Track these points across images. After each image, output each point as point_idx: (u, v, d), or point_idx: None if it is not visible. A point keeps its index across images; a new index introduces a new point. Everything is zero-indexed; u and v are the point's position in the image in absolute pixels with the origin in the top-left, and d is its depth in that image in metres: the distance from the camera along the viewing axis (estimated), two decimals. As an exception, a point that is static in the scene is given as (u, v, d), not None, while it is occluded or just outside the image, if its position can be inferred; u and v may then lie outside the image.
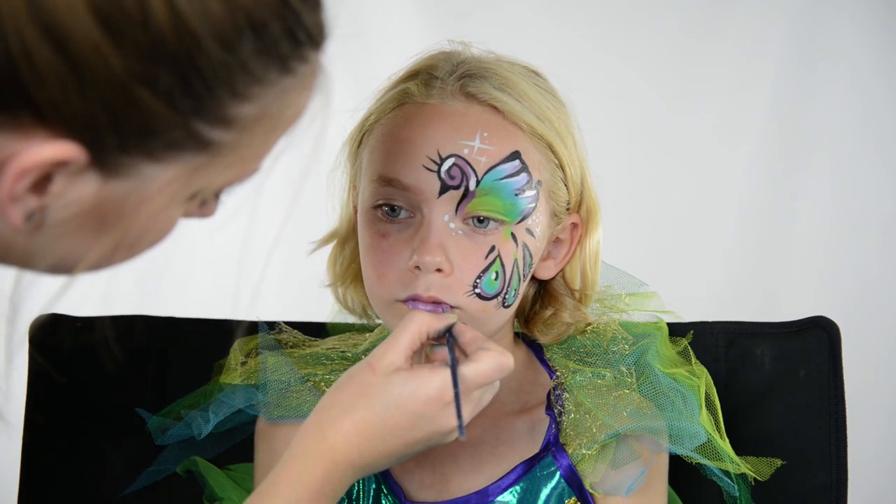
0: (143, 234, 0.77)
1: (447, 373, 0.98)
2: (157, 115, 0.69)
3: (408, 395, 0.97)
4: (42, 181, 0.70)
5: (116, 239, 0.75)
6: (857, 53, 2.17)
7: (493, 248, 1.08)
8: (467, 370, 0.98)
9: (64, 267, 0.76)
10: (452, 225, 1.07)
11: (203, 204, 0.81)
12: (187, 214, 0.81)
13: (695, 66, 2.22)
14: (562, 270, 1.19)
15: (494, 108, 1.09)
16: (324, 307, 1.31)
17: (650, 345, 1.20)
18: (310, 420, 0.99)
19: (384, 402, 0.97)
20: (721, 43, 2.21)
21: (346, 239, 1.22)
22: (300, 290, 1.38)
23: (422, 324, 1.01)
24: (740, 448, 1.23)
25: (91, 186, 0.71)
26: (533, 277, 1.17)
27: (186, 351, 1.36)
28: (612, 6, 2.24)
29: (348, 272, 1.23)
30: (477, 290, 1.07)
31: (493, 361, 0.99)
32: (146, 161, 0.72)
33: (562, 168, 1.12)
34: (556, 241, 1.17)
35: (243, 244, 0.87)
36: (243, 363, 1.24)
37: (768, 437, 1.31)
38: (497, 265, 1.08)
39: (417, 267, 1.06)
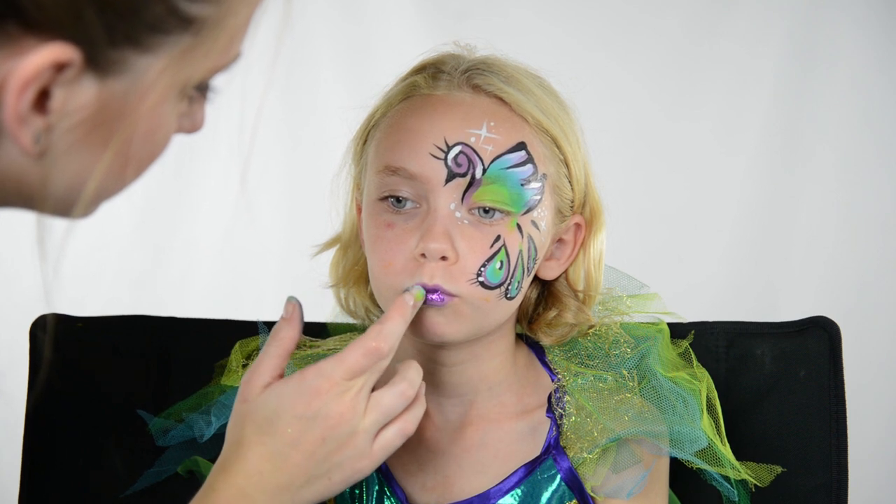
0: (145, 139, 0.77)
1: (315, 366, 0.97)
2: None
3: (285, 401, 0.97)
4: (42, 98, 0.70)
5: (121, 146, 0.75)
6: (857, 53, 2.18)
7: (498, 238, 1.08)
8: (328, 363, 0.98)
9: (75, 192, 0.76)
10: (458, 214, 1.08)
11: (191, 103, 0.80)
12: (180, 128, 0.81)
13: (695, 66, 2.23)
14: (565, 272, 1.20)
15: (501, 99, 1.10)
16: (324, 307, 1.31)
17: (651, 348, 1.20)
18: (217, 462, 1.00)
19: (268, 419, 0.98)
20: (721, 44, 2.21)
21: (348, 244, 1.22)
22: (300, 291, 1.38)
23: (283, 340, 1.02)
24: (740, 448, 1.23)
25: (90, 91, 0.72)
26: (537, 278, 1.18)
27: (187, 351, 1.36)
28: (612, 7, 2.24)
29: (351, 274, 1.23)
30: (481, 279, 1.07)
31: (357, 349, 0.99)
32: (136, 52, 0.72)
33: (566, 164, 1.13)
34: (560, 241, 1.18)
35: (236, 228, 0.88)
36: (244, 365, 1.24)
37: (768, 436, 1.31)
38: (502, 254, 1.08)
39: (423, 255, 1.06)
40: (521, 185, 1.09)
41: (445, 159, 1.07)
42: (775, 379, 1.32)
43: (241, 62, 0.80)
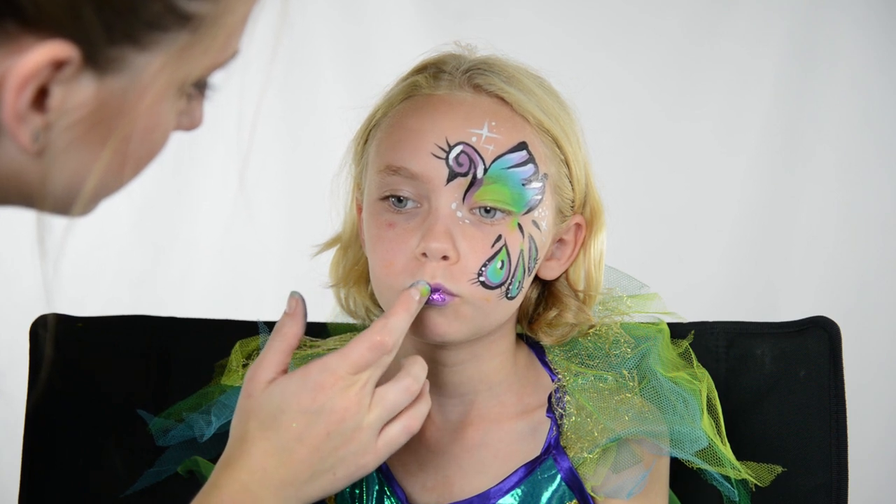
0: (146, 135, 0.77)
1: (319, 361, 0.97)
2: None
3: (290, 396, 0.97)
4: (41, 97, 0.70)
5: (120, 144, 0.75)
6: (857, 53, 2.18)
7: (499, 238, 1.08)
8: (332, 358, 0.98)
9: (74, 190, 0.76)
10: (459, 213, 1.08)
11: (190, 101, 0.80)
12: (179, 126, 0.81)
13: (695, 66, 2.23)
14: (566, 272, 1.20)
15: (502, 99, 1.10)
16: (324, 307, 1.31)
17: (652, 348, 1.20)
18: (221, 459, 1.00)
19: (272, 414, 0.97)
20: (721, 44, 2.21)
21: (348, 244, 1.23)
22: (300, 291, 1.38)
23: (287, 336, 1.02)
24: (740, 448, 1.23)
25: (89, 89, 0.72)
26: (537, 278, 1.18)
27: (186, 351, 1.36)
28: (613, 7, 2.24)
29: (351, 275, 1.23)
30: (482, 279, 1.08)
31: (362, 343, 0.99)
32: (134, 50, 0.72)
33: (567, 165, 1.13)
34: (560, 241, 1.18)
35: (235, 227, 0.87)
36: (244, 365, 1.24)
37: (768, 436, 1.31)
38: (503, 254, 1.08)
39: (424, 254, 1.06)
40: (523, 184, 1.09)
41: (447, 159, 1.07)
42: (775, 379, 1.32)
43: (239, 59, 0.80)
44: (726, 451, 1.19)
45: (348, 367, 0.98)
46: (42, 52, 0.68)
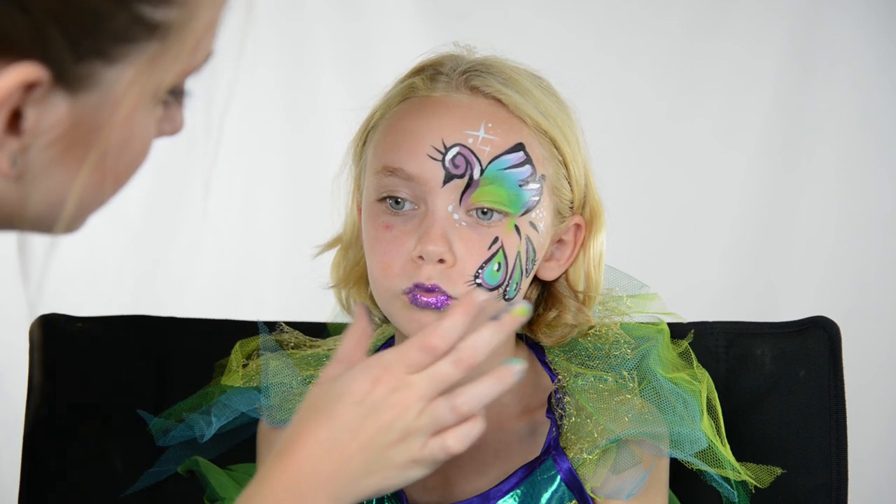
0: (123, 148, 0.76)
1: (378, 356, 0.96)
2: (99, 8, 0.69)
3: (346, 386, 0.95)
4: (14, 120, 0.70)
5: (99, 159, 0.74)
6: (857, 53, 2.18)
7: (496, 240, 1.08)
8: (389, 354, 0.96)
9: (56, 209, 0.75)
10: (456, 216, 1.08)
11: (167, 107, 0.79)
12: (161, 133, 0.80)
13: (695, 66, 2.23)
14: (565, 272, 1.19)
15: (499, 101, 1.10)
16: (324, 307, 1.31)
17: (652, 348, 1.20)
18: (276, 450, 0.97)
19: (328, 402, 0.95)
20: (721, 43, 2.21)
21: (349, 245, 1.22)
22: (300, 290, 1.38)
23: (361, 330, 1.00)
24: (740, 448, 1.23)
25: (62, 107, 0.71)
26: (536, 279, 1.18)
27: (186, 351, 1.36)
28: (613, 7, 2.24)
29: (352, 275, 1.23)
30: (478, 281, 1.08)
31: (413, 343, 0.96)
32: (104, 65, 0.72)
33: (565, 166, 1.13)
34: (560, 242, 1.18)
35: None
36: (244, 365, 1.24)
37: (768, 437, 1.31)
38: (500, 256, 1.08)
39: (421, 257, 1.06)
40: (520, 185, 1.09)
41: (443, 160, 1.07)
42: (775, 379, 1.32)
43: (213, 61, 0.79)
44: (726, 452, 1.19)
45: (402, 367, 0.96)
46: (11, 76, 0.68)
